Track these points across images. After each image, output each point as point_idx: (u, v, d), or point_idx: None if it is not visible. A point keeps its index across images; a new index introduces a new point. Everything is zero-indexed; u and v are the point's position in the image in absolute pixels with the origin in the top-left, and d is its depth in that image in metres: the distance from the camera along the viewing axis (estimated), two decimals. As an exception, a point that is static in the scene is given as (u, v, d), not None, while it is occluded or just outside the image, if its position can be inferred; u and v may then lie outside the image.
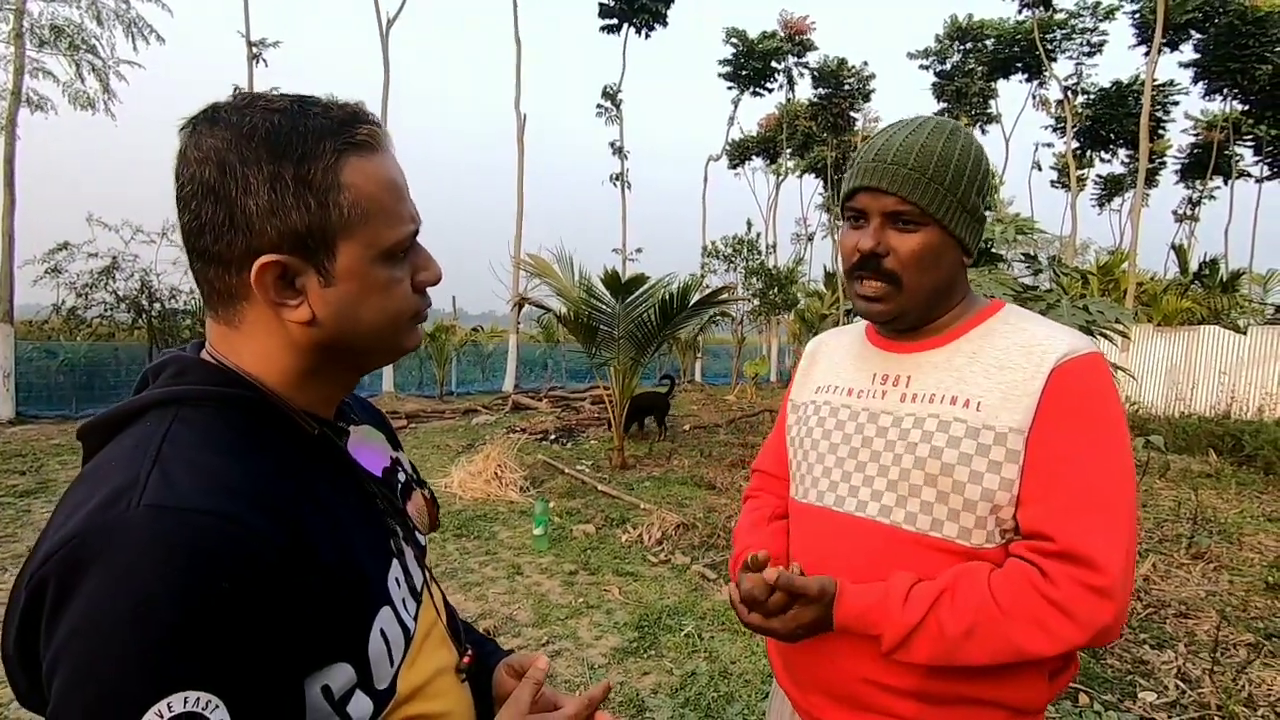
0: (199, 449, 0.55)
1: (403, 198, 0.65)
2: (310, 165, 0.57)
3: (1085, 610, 0.81)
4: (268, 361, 0.62)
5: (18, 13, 10.62)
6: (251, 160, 0.56)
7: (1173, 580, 4.17)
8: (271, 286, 0.58)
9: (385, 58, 16.81)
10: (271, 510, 0.53)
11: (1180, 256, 19.68)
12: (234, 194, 0.56)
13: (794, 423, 1.15)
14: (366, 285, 0.62)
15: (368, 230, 0.61)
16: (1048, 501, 0.86)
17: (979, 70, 26.19)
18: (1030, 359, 0.91)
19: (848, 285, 1.01)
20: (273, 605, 0.51)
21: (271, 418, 0.62)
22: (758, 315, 20.83)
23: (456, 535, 5.03)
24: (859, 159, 0.97)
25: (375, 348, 0.67)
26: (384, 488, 0.73)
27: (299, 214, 0.57)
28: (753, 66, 27.83)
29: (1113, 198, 31.70)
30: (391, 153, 0.65)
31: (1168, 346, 13.69)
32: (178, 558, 0.47)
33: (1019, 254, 4.01)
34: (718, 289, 8.84)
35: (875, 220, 0.94)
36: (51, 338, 12.15)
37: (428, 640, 0.71)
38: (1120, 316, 3.37)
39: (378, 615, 0.62)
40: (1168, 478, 7.22)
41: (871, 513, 0.96)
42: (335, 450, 0.66)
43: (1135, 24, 20.99)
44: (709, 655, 3.17)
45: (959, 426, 0.91)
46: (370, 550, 0.66)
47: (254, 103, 0.59)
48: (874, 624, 0.88)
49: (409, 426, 10.89)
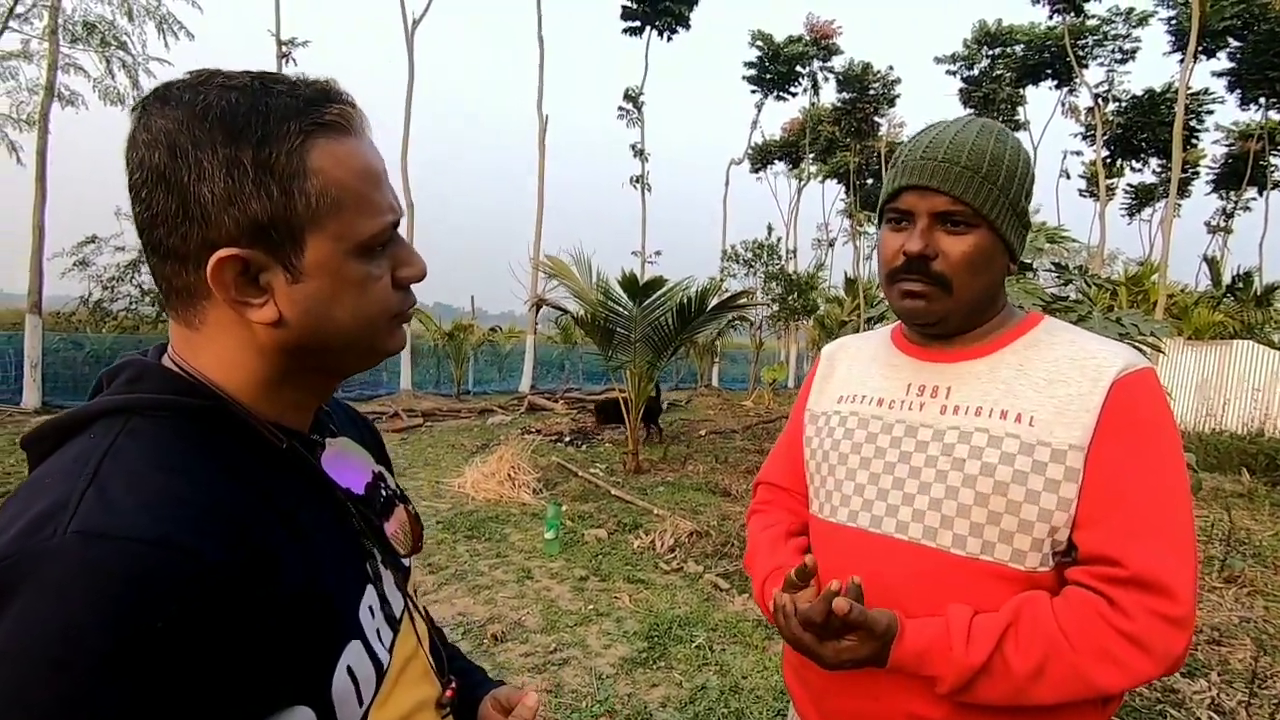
0: (144, 465, 0.49)
1: (380, 185, 0.58)
2: (272, 148, 0.51)
3: (1160, 642, 0.76)
4: (231, 367, 0.57)
5: (53, 9, 10.84)
6: (205, 143, 0.50)
7: (1205, 605, 4.02)
8: (231, 284, 0.52)
9: (410, 58, 16.94)
10: (223, 534, 0.47)
11: (1213, 268, 19.21)
12: (186, 180, 0.50)
13: (813, 434, 1.07)
14: (339, 282, 0.56)
15: (339, 221, 0.55)
16: (1112, 524, 0.80)
17: (1007, 76, 25.77)
18: (1085, 373, 0.85)
19: (886, 289, 0.94)
20: (217, 642, 0.45)
21: (234, 430, 0.56)
22: (776, 320, 20.68)
23: (468, 537, 5.00)
24: (904, 157, 0.91)
25: (351, 350, 0.60)
26: (363, 505, 0.67)
27: (260, 203, 0.51)
28: (777, 70, 27.69)
29: (1143, 207, 31.06)
30: (368, 136, 0.59)
31: (1199, 361, 13.33)
32: (109, 588, 0.42)
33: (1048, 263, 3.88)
34: (736, 293, 8.75)
35: (923, 221, 0.88)
36: (78, 329, 12.36)
37: (405, 673, 0.65)
38: (1154, 330, 3.24)
39: (345, 651, 0.56)
40: (1199, 497, 7.00)
41: (914, 535, 0.89)
42: (306, 465, 0.60)
43: (1170, 31, 20.53)
44: (720, 669, 3.09)
45: (1011, 442, 0.85)
46: (342, 576, 0.60)
47: (210, 79, 0.53)
48: (932, 664, 0.81)
49: (424, 425, 10.92)
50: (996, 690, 0.80)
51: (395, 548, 0.69)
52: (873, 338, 1.12)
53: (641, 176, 24.56)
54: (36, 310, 10.59)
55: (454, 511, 5.67)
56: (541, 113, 18.97)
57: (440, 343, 16.00)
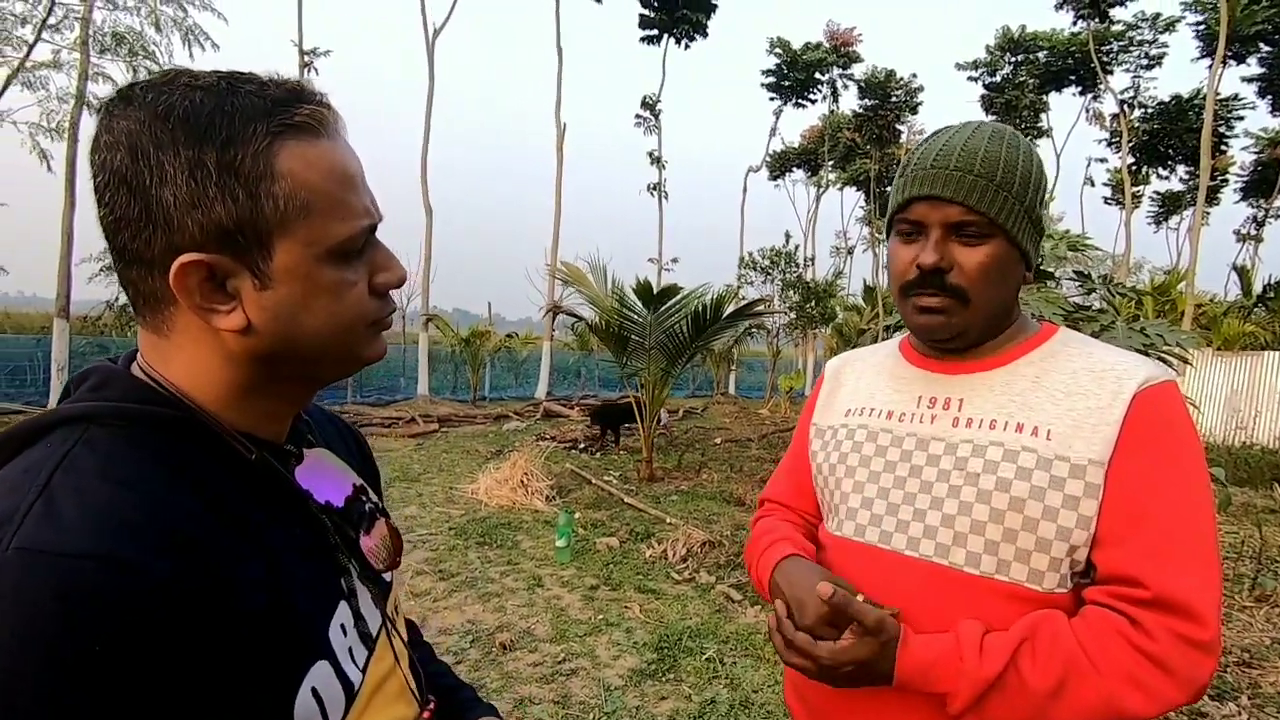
0: (96, 478, 0.47)
1: (354, 188, 0.57)
2: (237, 150, 0.50)
3: (1186, 667, 0.72)
4: (200, 375, 0.55)
5: (84, 21, 11.11)
6: (167, 144, 0.49)
7: (1234, 625, 3.89)
8: (196, 290, 0.51)
9: (431, 66, 17.13)
10: (173, 549, 0.46)
11: (1243, 278, 18.76)
12: (148, 183, 0.49)
13: (819, 449, 1.05)
14: (311, 288, 0.54)
15: (309, 225, 0.53)
16: (1136, 543, 0.76)
17: (1030, 83, 25.48)
18: (1104, 385, 0.82)
19: (899, 303, 0.91)
20: (163, 662, 0.43)
21: (199, 440, 0.54)
22: (794, 328, 20.54)
23: (479, 543, 4.99)
24: (913, 167, 0.88)
25: (325, 359, 0.59)
26: (340, 519, 0.65)
27: (224, 206, 0.50)
28: (796, 77, 27.62)
29: (1170, 216, 30.43)
30: (342, 137, 0.57)
31: (1228, 372, 13.01)
32: (46, 608, 0.40)
33: (1070, 272, 3.79)
34: (752, 301, 8.68)
35: (936, 232, 0.85)
36: (104, 333, 12.61)
37: (379, 694, 0.63)
38: (1181, 340, 3.15)
39: (310, 671, 0.54)
40: (1228, 513, 6.80)
41: (925, 551, 0.86)
42: (278, 477, 0.58)
43: (1198, 36, 20.17)
44: (730, 682, 3.04)
45: (1028, 457, 0.82)
46: (311, 593, 0.58)
47: (175, 79, 0.51)
48: (942, 679, 0.77)
49: (440, 430, 10.97)
50: (1012, 709, 0.75)
51: (373, 564, 0.67)
52: (880, 350, 1.09)
53: (659, 184, 24.59)
54: (64, 314, 10.82)
55: (466, 518, 5.66)
56: (560, 120, 19.08)
57: (457, 348, 16.09)
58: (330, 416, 0.81)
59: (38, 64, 11.59)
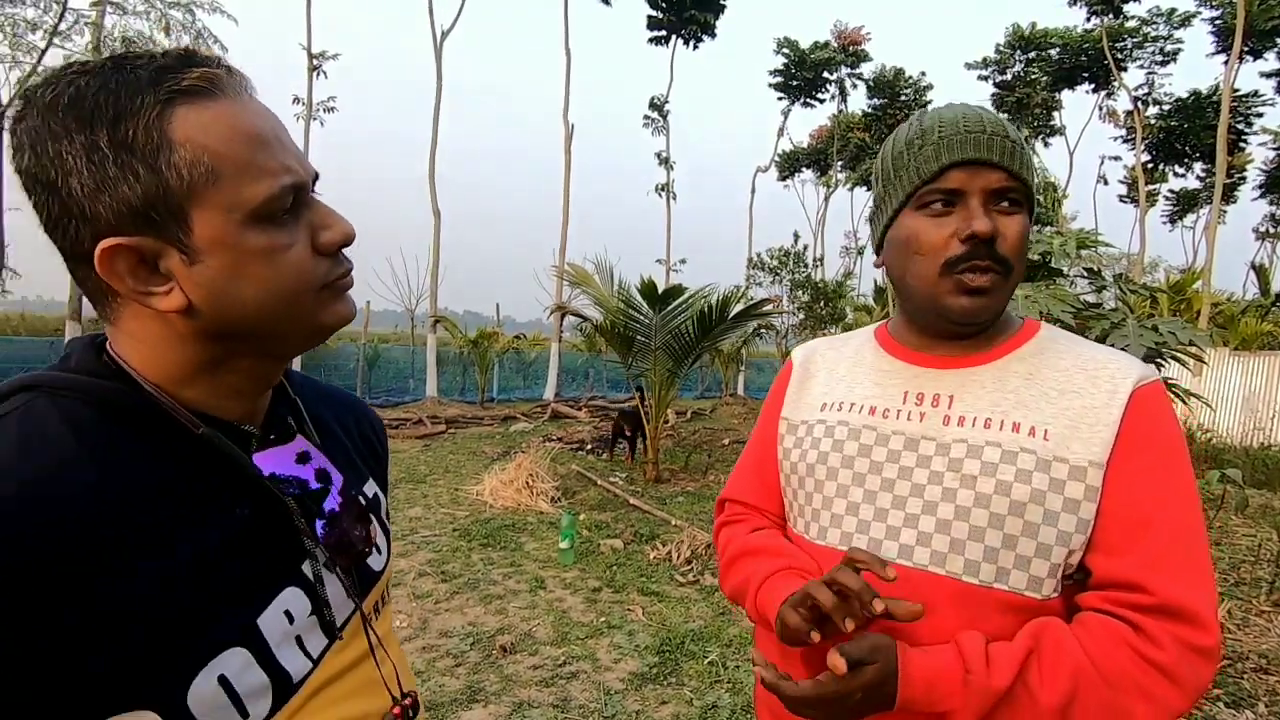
0: (8, 446, 0.48)
1: (265, 146, 0.54)
2: (128, 125, 0.49)
3: (1191, 674, 0.70)
4: (153, 357, 0.55)
5: (95, 26, 11.24)
6: (61, 133, 0.48)
7: (1251, 630, 3.79)
8: (127, 275, 0.51)
9: (439, 69, 17.20)
10: (46, 521, 0.46)
11: (1261, 276, 18.50)
12: (54, 177, 0.49)
13: (793, 445, 0.96)
14: (241, 255, 0.53)
15: (221, 190, 0.51)
16: (1139, 549, 0.74)
17: (1042, 80, 25.25)
18: (1099, 384, 0.79)
19: (934, 284, 0.82)
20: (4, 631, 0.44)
21: (141, 416, 0.54)
22: (803, 329, 20.45)
23: (483, 545, 4.97)
24: (941, 133, 0.80)
25: (276, 329, 0.57)
26: (311, 505, 0.64)
27: (128, 185, 0.49)
28: (804, 77, 27.56)
29: (1186, 214, 30.03)
30: (245, 97, 0.55)
31: (1245, 372, 12.80)
32: None
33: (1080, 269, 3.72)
34: (759, 301, 8.61)
35: (976, 199, 0.79)
36: (116, 335, 12.73)
37: (335, 686, 0.61)
38: (1194, 338, 3.08)
39: (217, 658, 0.52)
40: (1245, 515, 6.67)
41: (920, 560, 0.80)
42: (228, 455, 0.56)
43: (1214, 31, 19.90)
44: (732, 687, 2.99)
45: (1027, 458, 0.77)
46: (244, 577, 0.56)
47: (65, 70, 0.50)
48: (947, 694, 0.71)
49: (448, 432, 10.98)
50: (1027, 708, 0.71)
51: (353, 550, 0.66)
52: (851, 339, 1.02)
53: (667, 184, 24.58)
54: (76, 317, 10.95)
55: (471, 519, 5.65)
56: (568, 121, 19.10)
57: (465, 350, 16.13)
58: (343, 400, 0.81)
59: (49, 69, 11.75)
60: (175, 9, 12.52)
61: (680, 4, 22.63)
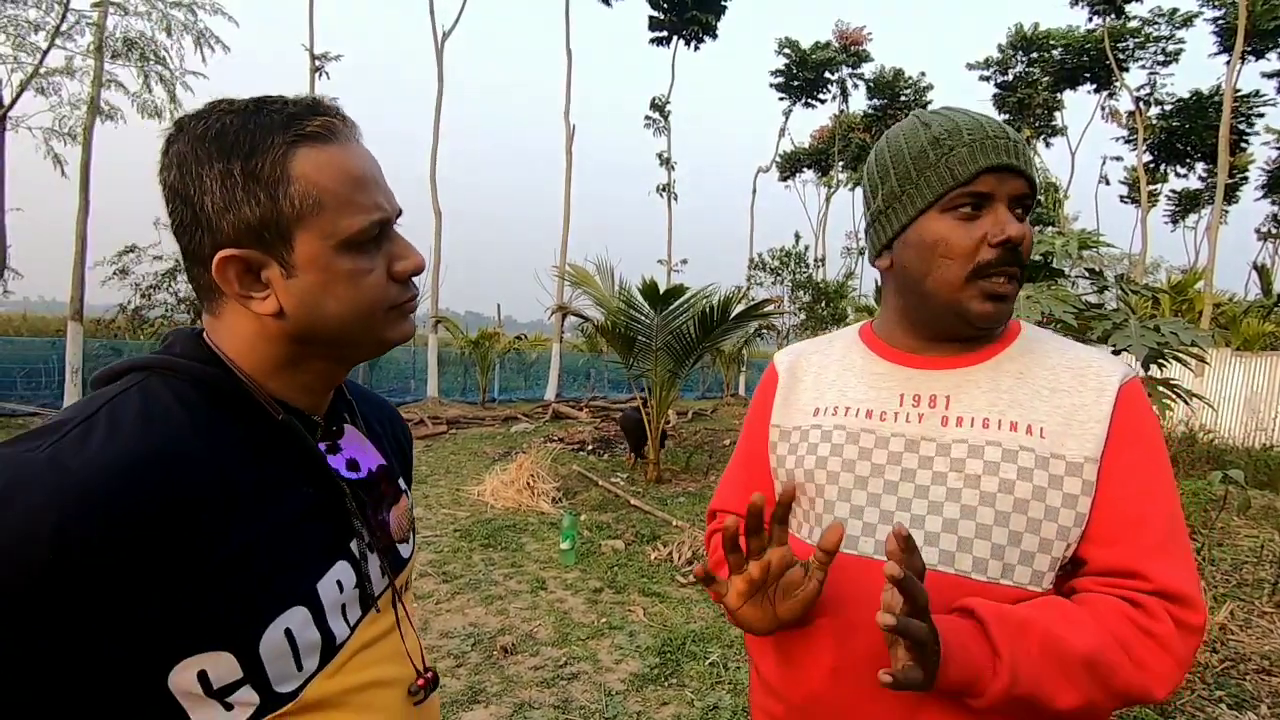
0: (133, 414, 0.57)
1: (363, 187, 0.64)
2: (258, 160, 0.59)
3: (1182, 648, 0.75)
4: (245, 349, 0.65)
5: (98, 27, 11.24)
6: (204, 160, 0.59)
7: (1254, 631, 3.78)
8: (235, 280, 0.61)
9: (440, 70, 17.21)
10: (156, 491, 0.54)
11: (1263, 277, 18.46)
12: (193, 194, 0.59)
13: (787, 452, 0.96)
14: (330, 275, 0.63)
15: (323, 220, 0.61)
16: (1134, 540, 0.77)
17: (1044, 81, 25.23)
18: (1085, 382, 0.83)
19: (959, 290, 0.82)
20: (105, 578, 0.51)
21: (234, 398, 0.63)
22: (805, 329, 20.44)
23: (484, 545, 4.97)
24: (968, 135, 0.80)
25: (350, 339, 0.67)
26: (361, 490, 0.73)
27: (250, 208, 0.59)
28: (805, 77, 27.56)
29: (1188, 214, 30.00)
30: (354, 142, 0.66)
31: (1247, 373, 12.77)
32: (38, 504, 0.50)
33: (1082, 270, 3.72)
34: (760, 301, 8.60)
35: (1002, 205, 0.81)
36: (117, 336, 12.74)
37: (368, 652, 0.70)
38: (1196, 339, 3.07)
39: (285, 613, 0.61)
40: (1249, 516, 6.66)
41: (929, 560, 0.79)
42: (300, 440, 0.66)
43: (1217, 31, 19.87)
44: (734, 688, 2.99)
45: (1027, 456, 0.79)
46: (309, 547, 0.65)
47: (215, 107, 0.62)
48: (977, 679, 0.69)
49: (449, 432, 10.98)
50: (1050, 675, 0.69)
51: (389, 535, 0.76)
52: (836, 342, 1.02)
53: (668, 185, 24.58)
54: (78, 317, 10.94)
55: (472, 519, 5.65)
56: (569, 122, 19.10)
57: (466, 351, 16.13)
58: (378, 401, 0.91)
59: (51, 70, 11.74)
60: (177, 9, 12.53)
61: (681, 5, 22.63)
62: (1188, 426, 9.96)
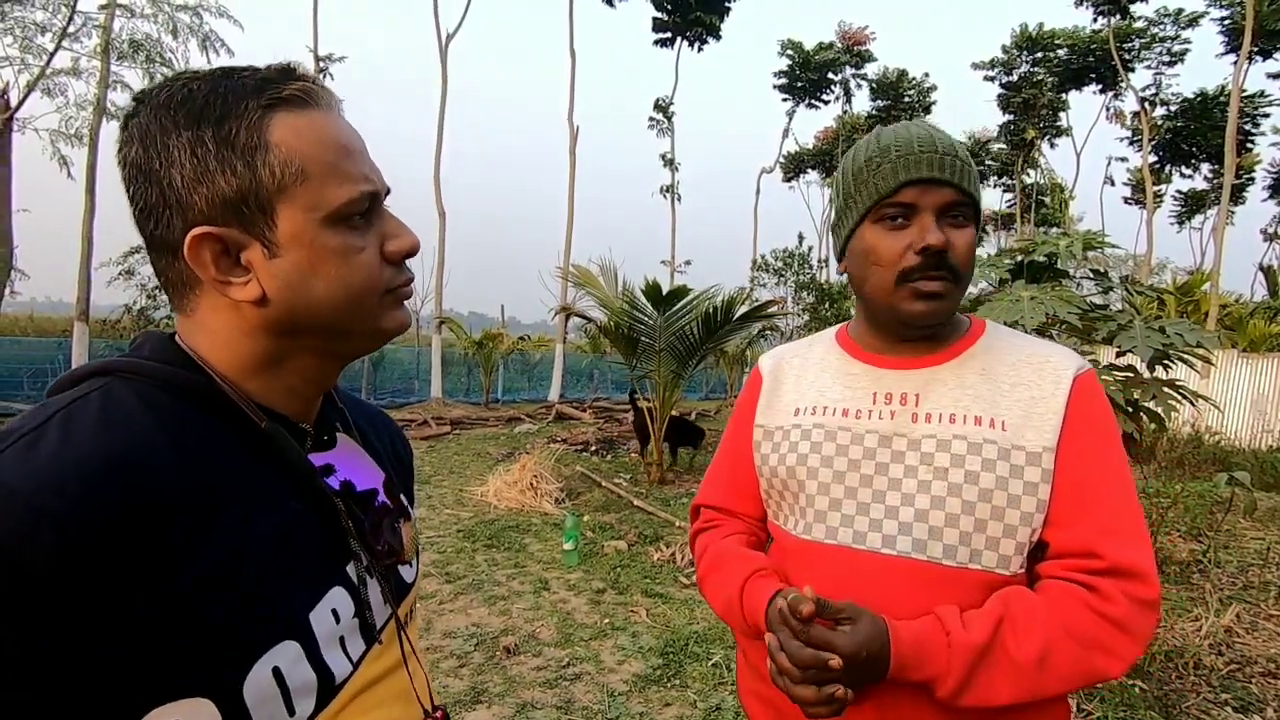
0: (89, 422, 0.50)
1: (350, 155, 0.59)
2: (232, 125, 0.54)
3: (1140, 624, 0.80)
4: (222, 348, 0.58)
5: (104, 29, 11.30)
6: (170, 129, 0.53)
7: (1260, 634, 3.76)
8: (212, 263, 0.54)
9: (444, 71, 17.25)
10: (115, 500, 0.46)
11: (1269, 278, 18.40)
12: (159, 168, 0.53)
13: (770, 451, 1.02)
14: (317, 252, 0.57)
15: (308, 190, 0.56)
16: (1088, 522, 0.83)
17: (1049, 81, 25.18)
18: (1043, 375, 0.89)
19: (890, 293, 0.89)
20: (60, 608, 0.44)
21: (208, 404, 0.56)
22: (808, 330, 20.44)
23: (487, 546, 4.97)
24: (894, 152, 0.89)
25: (340, 327, 0.60)
26: (357, 506, 0.65)
27: (225, 178, 0.53)
28: (808, 78, 27.55)
29: (1193, 215, 29.87)
30: (335, 111, 0.60)
31: (1254, 374, 12.70)
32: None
33: (1087, 271, 3.70)
34: (764, 302, 8.59)
35: (928, 215, 0.87)
36: (123, 336, 12.76)
37: (372, 692, 0.62)
38: (1202, 340, 3.05)
39: (274, 649, 0.53)
40: (1255, 518, 6.62)
41: (903, 548, 0.87)
42: (287, 450, 0.59)
43: (1223, 31, 19.78)
44: (736, 689, 2.98)
45: (990, 448, 0.86)
46: (298, 572, 0.57)
47: (179, 77, 0.56)
48: (931, 657, 0.78)
49: (452, 433, 11.00)
50: (1003, 682, 0.78)
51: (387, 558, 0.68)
52: (814, 345, 1.08)
53: (672, 186, 24.58)
54: (84, 318, 10.99)
55: (475, 520, 5.65)
56: (573, 123, 19.12)
57: (470, 351, 16.15)
58: (374, 413, 0.83)
59: (57, 71, 11.79)
60: (183, 12, 12.59)
61: (685, 6, 22.64)
62: (1194, 428, 9.91)
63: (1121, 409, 3.03)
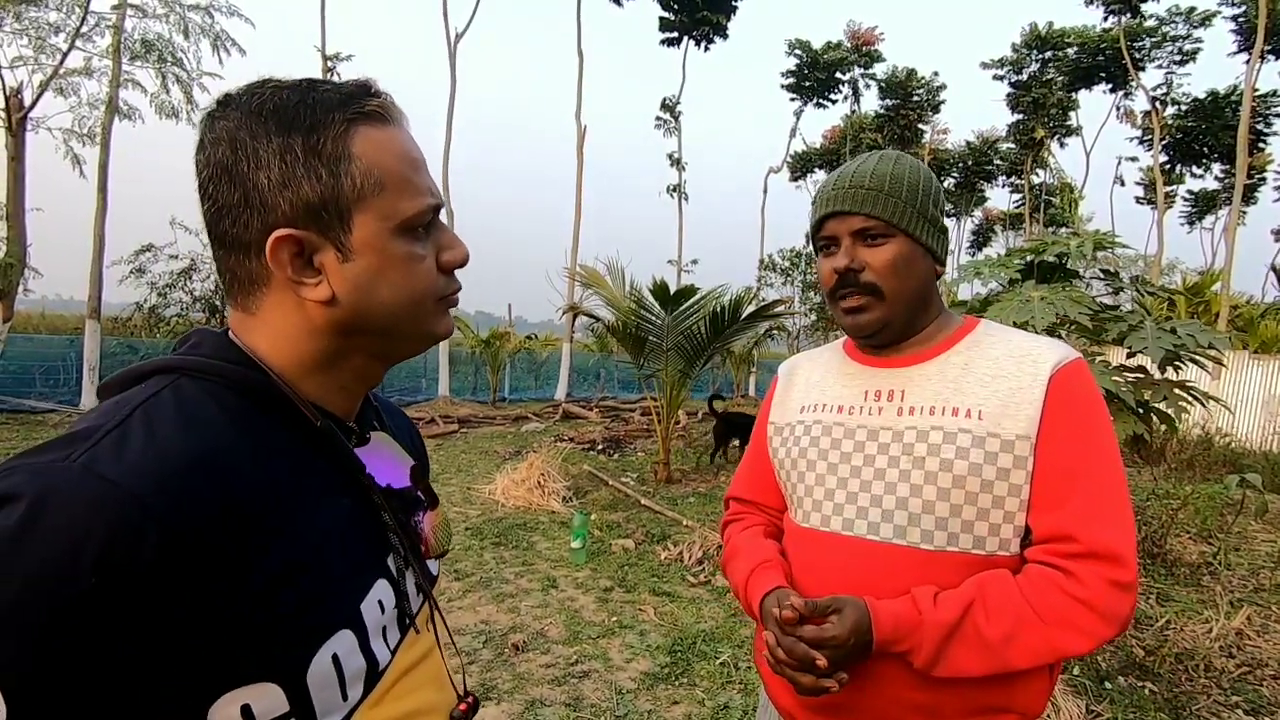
0: (171, 420, 0.52)
1: (419, 170, 0.63)
2: (319, 135, 0.57)
3: (1112, 606, 0.84)
4: (282, 346, 0.60)
5: (116, 29, 11.38)
6: (261, 134, 0.56)
7: (1271, 636, 3.74)
8: (289, 263, 0.57)
9: (452, 70, 17.29)
10: (205, 499, 0.49)
11: (1281, 278, 18.21)
12: (246, 170, 0.56)
13: (779, 445, 1.13)
14: (386, 259, 0.60)
15: (383, 200, 0.59)
16: (1067, 507, 0.88)
17: (1059, 80, 25.00)
18: (1024, 367, 0.94)
19: (832, 310, 1.04)
20: (163, 600, 0.46)
21: (270, 402, 0.59)
22: (815, 330, 20.38)
23: (495, 544, 4.99)
24: (821, 194, 1.02)
25: (399, 330, 0.64)
26: (395, 501, 0.69)
27: (310, 185, 0.56)
28: (816, 78, 27.44)
29: (1204, 215, 29.60)
30: (405, 127, 0.64)
31: (1265, 375, 12.60)
32: (79, 520, 0.44)
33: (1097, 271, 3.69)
34: (771, 302, 8.57)
35: (845, 241, 0.99)
36: (134, 334, 12.86)
37: (410, 677, 0.66)
38: (1213, 341, 3.04)
39: (333, 637, 0.56)
40: (1266, 520, 6.57)
41: (885, 534, 0.94)
42: (339, 448, 0.62)
43: (1236, 30, 19.60)
44: (744, 687, 2.99)
45: (965, 437, 0.92)
46: (350, 563, 0.61)
47: (265, 84, 0.59)
48: (908, 632, 0.86)
49: (460, 431, 11.03)
50: (972, 657, 0.85)
51: (425, 548, 0.72)
52: (826, 351, 1.19)
53: (679, 185, 24.55)
54: (95, 316, 11.08)
55: (483, 518, 5.68)
56: (580, 123, 19.13)
57: (477, 350, 16.19)
58: (392, 408, 0.86)
59: (70, 71, 11.89)
60: (194, 12, 12.67)
61: (691, 5, 22.61)
62: (1204, 430, 9.83)
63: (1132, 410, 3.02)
